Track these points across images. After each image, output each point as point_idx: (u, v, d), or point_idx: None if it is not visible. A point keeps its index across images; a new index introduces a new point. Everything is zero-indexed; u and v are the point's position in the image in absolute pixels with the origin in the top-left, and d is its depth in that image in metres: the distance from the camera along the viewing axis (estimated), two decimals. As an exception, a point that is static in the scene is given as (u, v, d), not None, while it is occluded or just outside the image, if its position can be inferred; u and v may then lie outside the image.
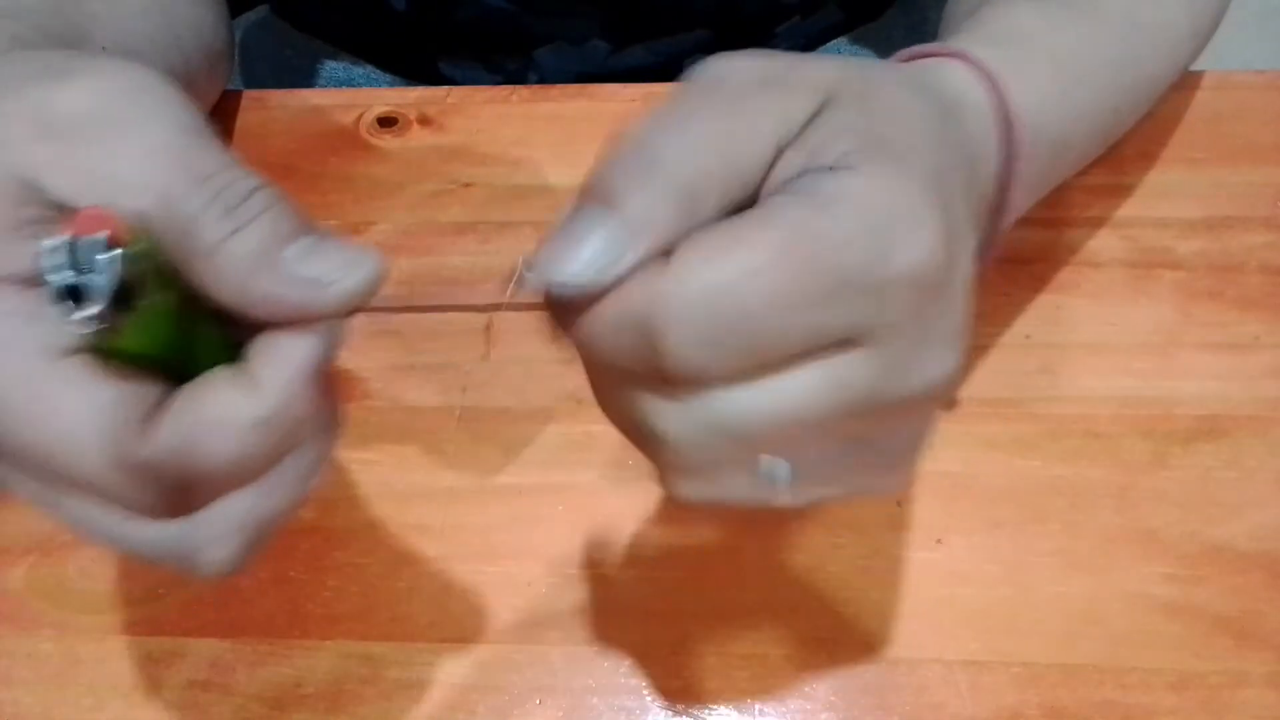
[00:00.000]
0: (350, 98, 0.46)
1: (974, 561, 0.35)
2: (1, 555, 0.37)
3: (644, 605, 0.35)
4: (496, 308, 0.41)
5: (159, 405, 0.21)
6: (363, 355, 0.40)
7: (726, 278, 0.19)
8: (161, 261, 0.20)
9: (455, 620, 0.35)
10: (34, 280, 0.20)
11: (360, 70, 0.55)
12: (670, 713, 0.33)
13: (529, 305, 0.40)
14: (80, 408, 0.20)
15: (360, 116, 0.46)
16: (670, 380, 0.20)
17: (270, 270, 0.21)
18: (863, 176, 0.20)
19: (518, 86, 0.46)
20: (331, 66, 0.55)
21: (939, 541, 0.36)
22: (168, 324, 0.20)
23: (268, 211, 0.21)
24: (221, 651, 0.35)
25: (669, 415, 0.21)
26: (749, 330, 0.19)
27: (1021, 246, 0.41)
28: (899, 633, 0.34)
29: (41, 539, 0.37)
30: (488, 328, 0.40)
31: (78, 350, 0.20)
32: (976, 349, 0.39)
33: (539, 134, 0.45)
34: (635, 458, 0.38)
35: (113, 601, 0.36)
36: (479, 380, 0.39)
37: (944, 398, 0.22)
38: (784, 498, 0.23)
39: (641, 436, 0.22)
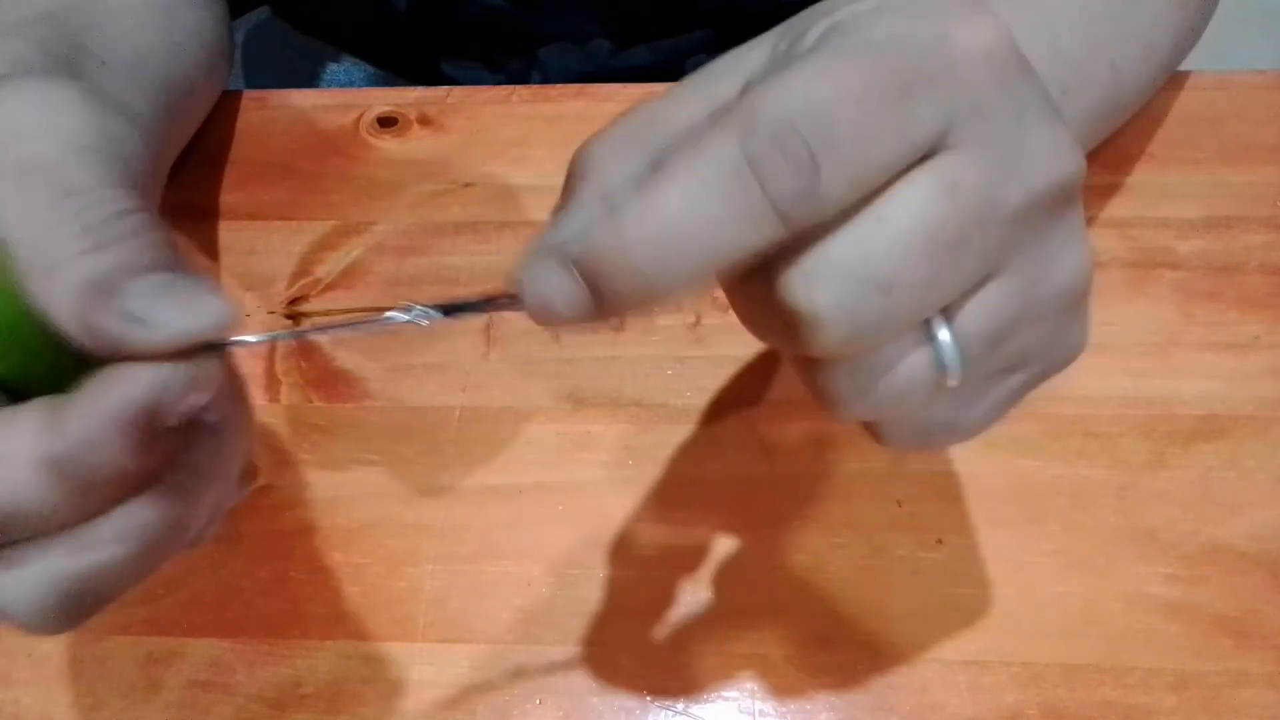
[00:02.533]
0: (350, 98, 0.46)
1: (974, 561, 0.35)
2: (1, 555, 0.37)
3: (644, 605, 0.35)
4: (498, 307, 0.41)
5: None
6: (363, 355, 0.40)
7: (798, 99, 0.18)
8: (4, 279, 0.19)
9: (455, 620, 0.35)
10: None
11: (361, 71, 0.55)
12: (670, 713, 0.33)
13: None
14: None
15: (360, 116, 0.45)
16: (791, 232, 0.19)
17: (103, 299, 0.19)
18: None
19: (518, 86, 0.46)
20: (333, 68, 0.56)
21: (939, 541, 0.36)
22: (9, 344, 0.20)
23: (126, 240, 0.20)
24: (221, 651, 0.35)
25: (801, 283, 0.19)
26: (838, 148, 0.18)
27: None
28: (899, 633, 0.34)
29: (41, 539, 0.37)
30: (488, 328, 0.40)
31: None
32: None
33: (539, 134, 0.45)
34: (635, 458, 0.38)
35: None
36: (479, 380, 0.39)
37: (1071, 194, 0.20)
38: (959, 381, 0.20)
39: (793, 337, 0.20)
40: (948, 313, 0.20)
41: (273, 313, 0.41)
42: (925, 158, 0.19)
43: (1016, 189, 0.19)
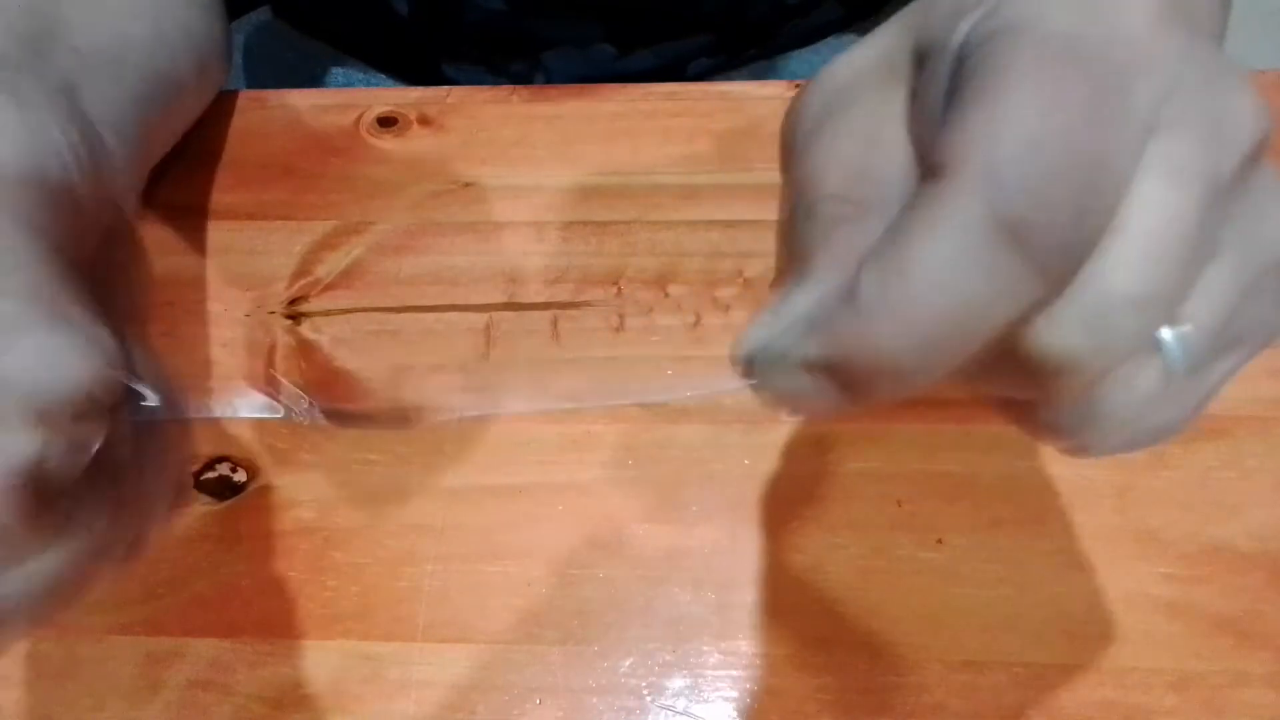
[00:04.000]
0: (350, 98, 0.46)
1: (974, 561, 0.35)
2: (1, 555, 0.37)
3: (644, 605, 0.35)
4: (496, 307, 0.41)
5: None
6: (363, 355, 0.40)
7: (1031, 137, 0.16)
8: None
9: (455, 620, 0.35)
10: None
11: (363, 75, 0.55)
12: (670, 712, 0.33)
13: (527, 305, 0.40)
14: None
15: (360, 116, 0.46)
16: (1044, 277, 0.16)
17: None
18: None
19: (518, 87, 0.46)
20: (335, 70, 0.55)
21: (939, 541, 0.36)
22: None
23: (13, 293, 0.19)
24: (221, 651, 0.35)
25: (1050, 329, 0.17)
26: (1086, 181, 0.16)
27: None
28: (899, 633, 0.34)
29: (41, 539, 0.37)
30: (488, 328, 0.40)
31: None
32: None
33: (539, 134, 0.45)
34: (635, 458, 0.38)
35: (113, 601, 0.36)
36: (479, 380, 0.39)
37: (1264, 149, 0.18)
38: (1191, 374, 0.19)
39: (1029, 384, 0.18)
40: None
41: (273, 313, 0.41)
42: None
43: (1229, 156, 0.18)
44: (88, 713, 0.34)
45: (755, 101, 0.45)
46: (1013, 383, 0.18)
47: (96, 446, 0.20)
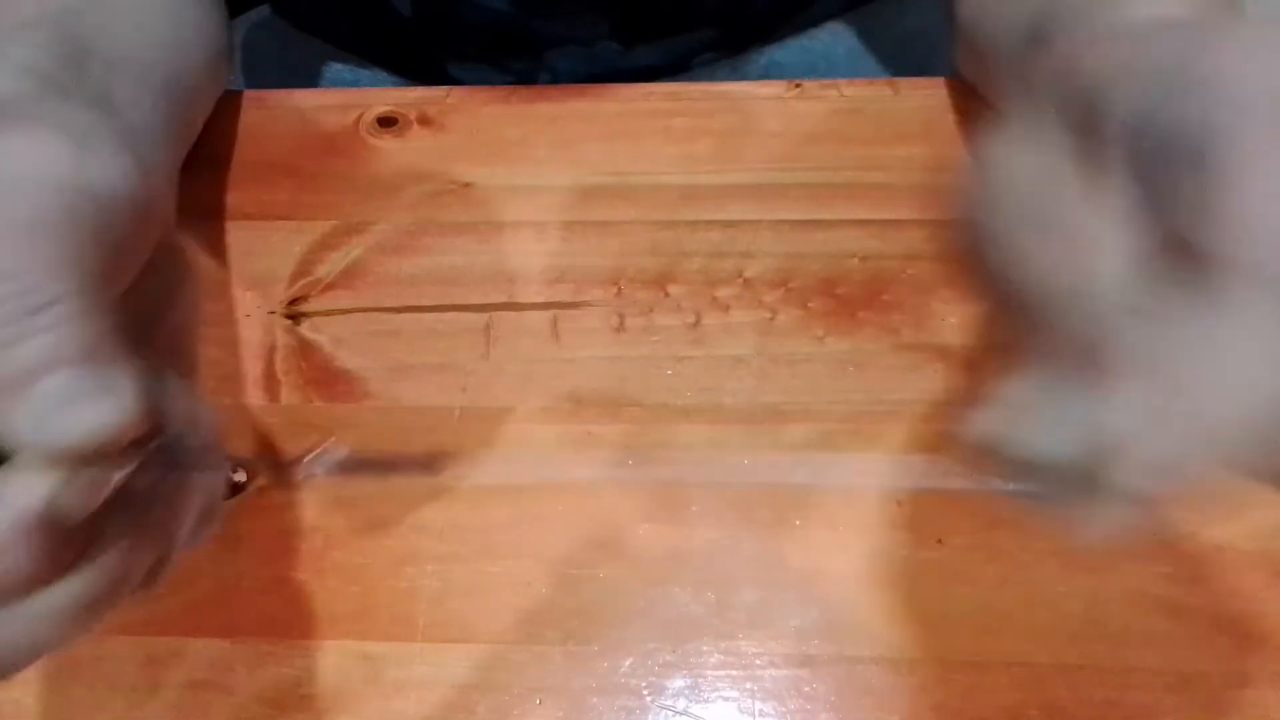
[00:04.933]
0: (350, 98, 0.46)
1: (974, 561, 0.35)
2: (1, 555, 0.37)
3: (644, 605, 0.35)
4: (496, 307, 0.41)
5: None
6: (363, 355, 0.40)
7: None
8: None
9: (455, 620, 0.35)
10: None
11: (366, 73, 0.55)
12: (670, 712, 0.33)
13: (527, 305, 0.40)
14: None
15: (360, 116, 0.46)
16: None
17: (11, 397, 0.19)
18: None
19: (518, 87, 0.46)
20: (336, 69, 0.55)
21: (939, 541, 0.36)
22: None
23: (42, 333, 0.20)
24: (221, 651, 0.35)
25: None
26: None
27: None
28: (899, 633, 0.34)
29: (41, 539, 0.37)
30: (488, 328, 0.40)
31: None
32: (977, 349, 0.39)
33: (539, 134, 0.45)
34: (635, 458, 0.38)
35: (113, 601, 0.36)
36: (479, 380, 0.39)
37: None
38: None
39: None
40: None
41: (273, 313, 0.41)
42: None
43: None
44: (88, 713, 0.34)
45: (755, 101, 0.45)
46: None
47: (117, 483, 0.21)
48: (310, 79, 0.56)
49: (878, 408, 0.38)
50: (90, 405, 0.20)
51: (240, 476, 0.37)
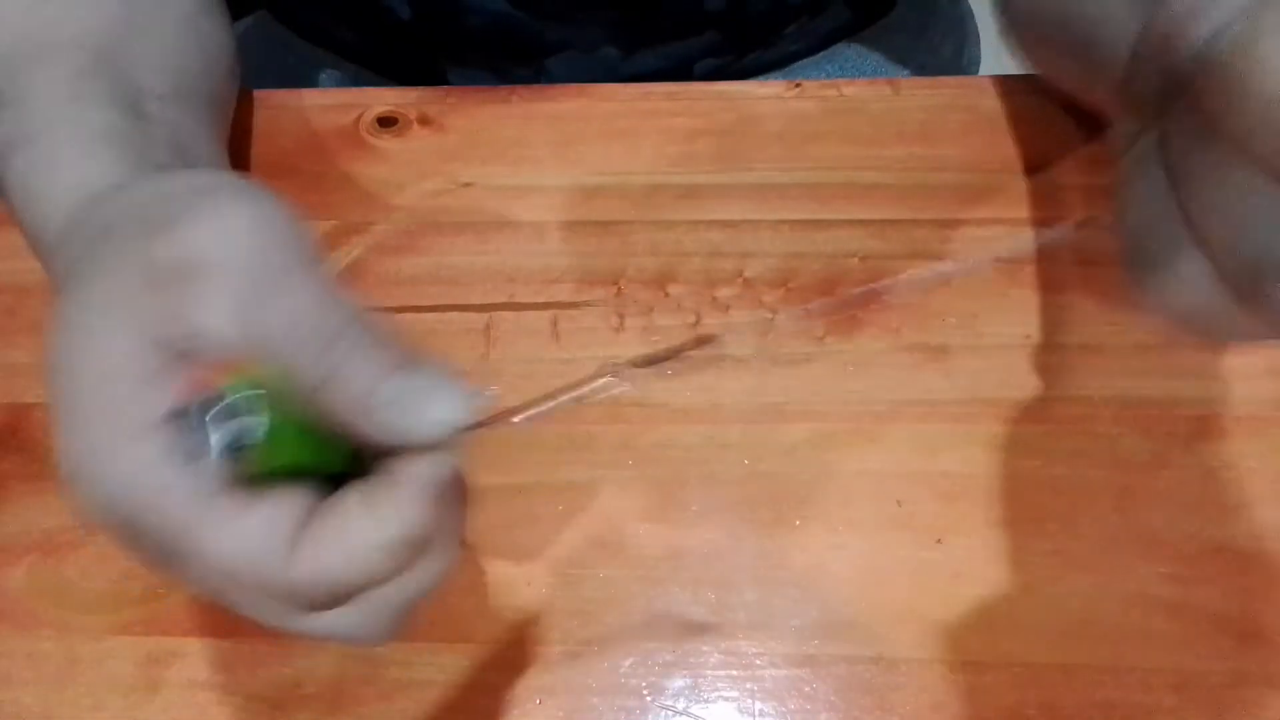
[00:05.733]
0: (350, 98, 0.46)
1: (974, 561, 0.35)
2: (1, 555, 0.37)
3: (644, 605, 0.35)
4: (496, 308, 0.41)
5: (303, 520, 0.23)
6: (363, 355, 0.40)
7: None
8: (276, 397, 0.22)
9: (455, 620, 0.35)
10: (173, 425, 0.22)
11: (365, 78, 0.55)
12: (670, 712, 0.33)
13: (527, 305, 0.40)
14: (235, 542, 0.22)
15: (360, 116, 0.45)
16: None
17: (367, 409, 0.22)
18: None
19: (517, 87, 0.46)
20: (332, 73, 0.55)
21: (939, 541, 0.36)
22: (291, 445, 0.23)
23: (360, 351, 0.22)
24: (221, 651, 0.35)
25: None
26: None
27: (1021, 246, 0.41)
28: (899, 633, 0.34)
29: (41, 539, 0.37)
30: (487, 328, 0.40)
31: (222, 481, 0.22)
32: (977, 349, 0.39)
33: (539, 134, 0.45)
34: (635, 458, 0.38)
35: (113, 601, 0.36)
36: (479, 380, 0.39)
37: None
38: None
39: None
40: None
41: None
42: None
43: None
44: (88, 713, 0.34)
45: (755, 101, 0.45)
46: None
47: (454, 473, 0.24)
48: (308, 82, 0.56)
49: (878, 408, 0.38)
50: (451, 393, 0.23)
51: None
